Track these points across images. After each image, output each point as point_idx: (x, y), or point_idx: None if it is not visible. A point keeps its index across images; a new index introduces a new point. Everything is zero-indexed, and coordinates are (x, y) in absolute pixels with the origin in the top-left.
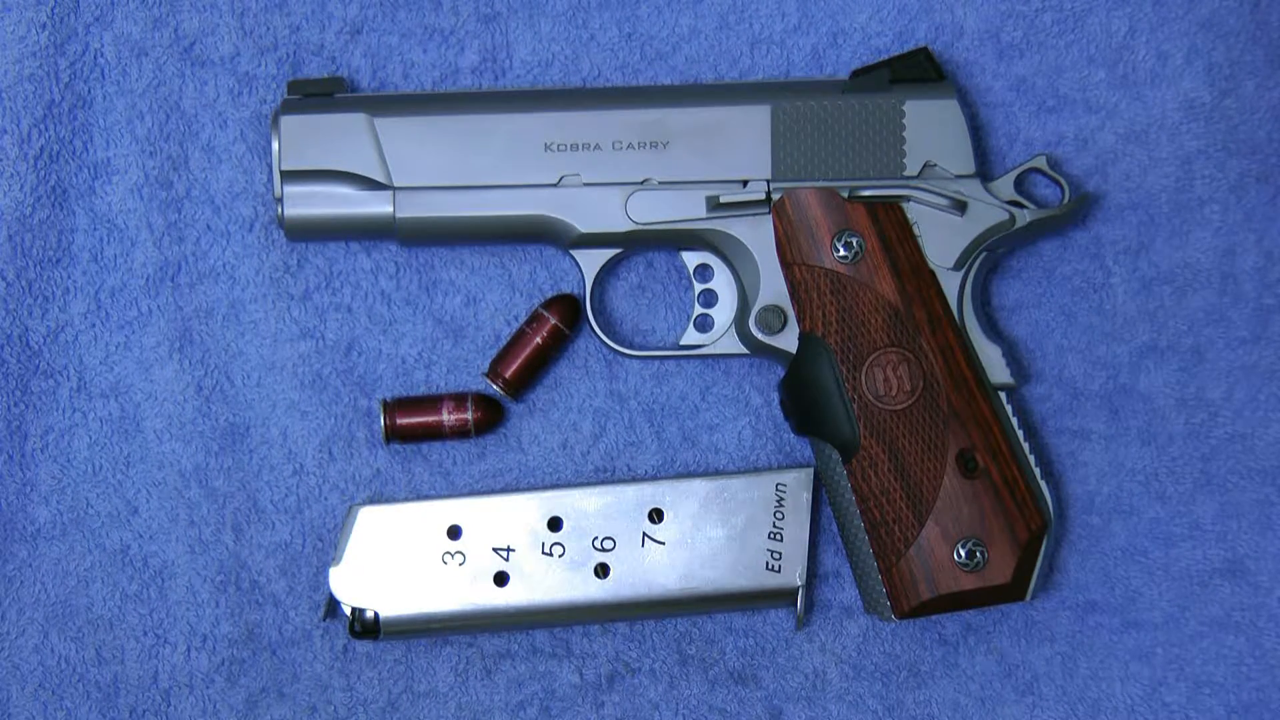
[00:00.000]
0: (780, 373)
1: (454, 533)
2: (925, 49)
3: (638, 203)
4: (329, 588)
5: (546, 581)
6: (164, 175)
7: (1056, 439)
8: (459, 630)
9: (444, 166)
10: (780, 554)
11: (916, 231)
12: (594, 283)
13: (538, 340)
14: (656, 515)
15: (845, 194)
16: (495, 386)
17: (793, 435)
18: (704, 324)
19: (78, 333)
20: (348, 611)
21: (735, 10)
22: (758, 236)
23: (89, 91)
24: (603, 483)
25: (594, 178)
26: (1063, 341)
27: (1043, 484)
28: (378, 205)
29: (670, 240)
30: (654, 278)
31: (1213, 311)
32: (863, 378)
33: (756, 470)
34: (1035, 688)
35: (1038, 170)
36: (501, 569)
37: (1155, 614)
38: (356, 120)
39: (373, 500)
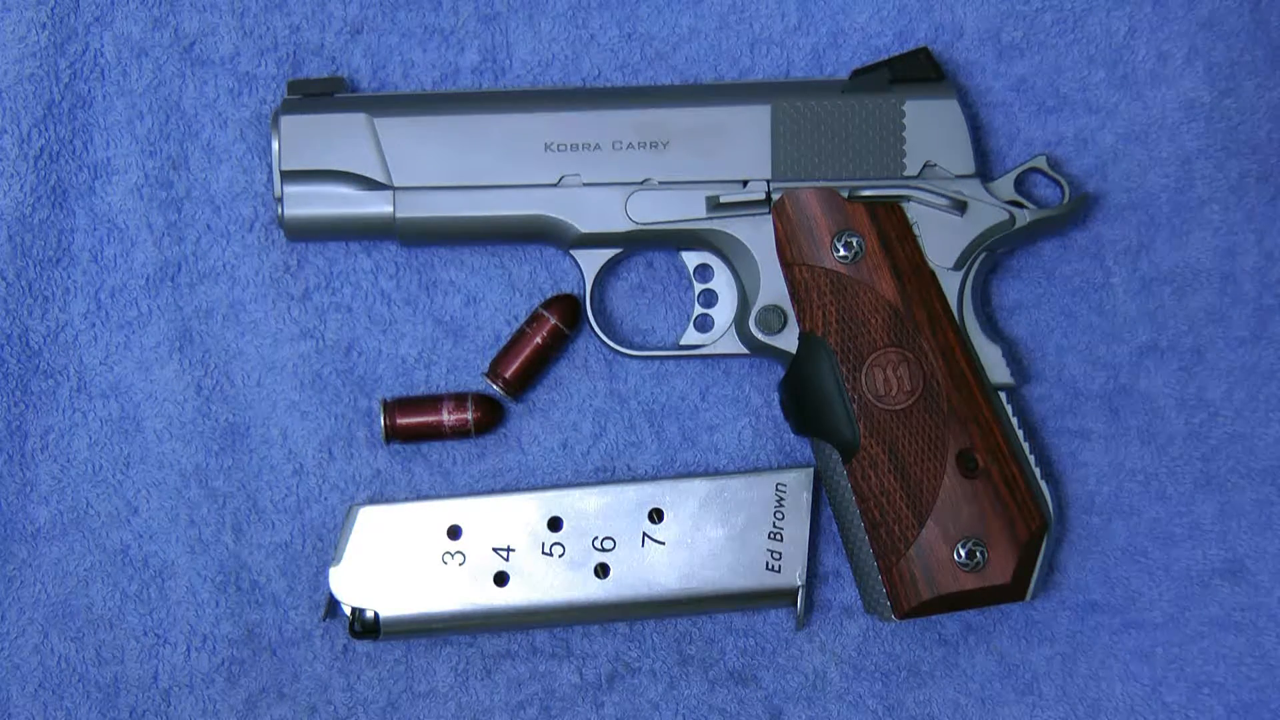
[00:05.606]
0: (780, 373)
1: (454, 533)
2: (925, 49)
3: (638, 203)
4: (329, 588)
5: (546, 581)
6: (164, 175)
7: (1056, 439)
8: (459, 630)
9: (444, 166)
10: (780, 554)
11: (916, 231)
12: (594, 283)
13: (538, 340)
14: (656, 515)
15: (845, 194)
16: (495, 386)
17: (793, 435)
18: (704, 324)
19: (78, 333)
20: (348, 611)
21: (735, 10)
22: (758, 236)
23: (89, 91)
24: (603, 483)
25: (594, 178)
26: (1063, 341)
27: (1043, 484)
28: (378, 205)
29: (670, 240)
30: (654, 278)
31: (1213, 311)
32: (863, 378)
33: (756, 470)
34: (1035, 688)
35: (1038, 170)
36: (501, 569)
37: (1155, 614)
38: (356, 120)
39: (373, 500)
